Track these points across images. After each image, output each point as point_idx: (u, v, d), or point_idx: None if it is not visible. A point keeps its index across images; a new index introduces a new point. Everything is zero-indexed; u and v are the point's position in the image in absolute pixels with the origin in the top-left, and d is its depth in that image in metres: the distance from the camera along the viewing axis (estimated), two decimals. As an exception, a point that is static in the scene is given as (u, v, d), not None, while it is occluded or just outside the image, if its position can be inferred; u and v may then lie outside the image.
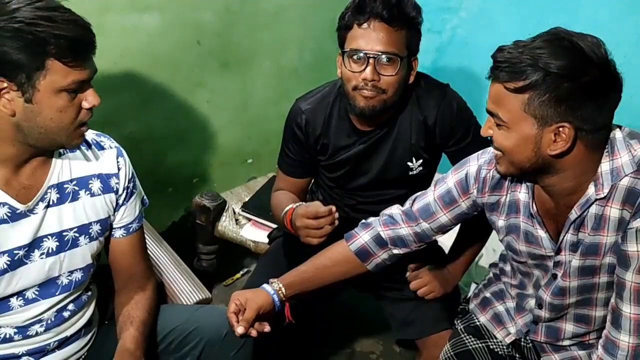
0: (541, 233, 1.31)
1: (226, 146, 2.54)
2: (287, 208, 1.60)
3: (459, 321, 1.60)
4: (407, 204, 1.48)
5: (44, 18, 1.04)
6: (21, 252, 1.19)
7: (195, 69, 2.28)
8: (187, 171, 2.45)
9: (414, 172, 1.67)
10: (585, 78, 1.08)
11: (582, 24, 1.73)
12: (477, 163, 1.39)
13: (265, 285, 1.41)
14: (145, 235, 1.47)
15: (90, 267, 1.32)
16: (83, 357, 1.37)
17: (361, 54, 1.48)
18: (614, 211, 1.18)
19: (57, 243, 1.24)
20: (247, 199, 2.31)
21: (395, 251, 1.48)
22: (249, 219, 2.24)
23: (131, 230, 1.39)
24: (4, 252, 1.17)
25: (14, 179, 1.16)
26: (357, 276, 1.52)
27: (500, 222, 1.38)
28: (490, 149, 1.34)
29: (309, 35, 2.61)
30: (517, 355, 1.50)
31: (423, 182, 1.74)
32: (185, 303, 1.56)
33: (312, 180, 1.84)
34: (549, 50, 1.09)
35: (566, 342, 1.41)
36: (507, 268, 1.52)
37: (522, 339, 1.48)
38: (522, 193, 1.33)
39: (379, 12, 1.46)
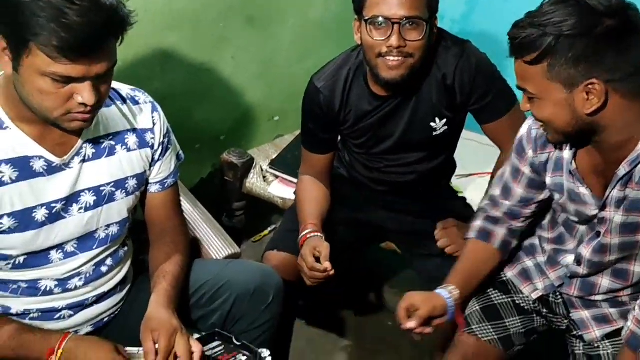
0: (582, 190, 1.29)
1: (252, 103, 2.52)
2: (303, 233, 1.61)
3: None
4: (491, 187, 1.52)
5: (54, 6, 0.98)
6: (59, 206, 1.21)
7: (219, 24, 2.24)
8: (214, 128, 2.45)
9: (438, 132, 1.64)
10: (596, 30, 1.08)
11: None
12: (527, 125, 1.38)
13: (440, 290, 1.40)
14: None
15: (126, 221, 1.34)
16: (117, 311, 1.40)
17: (382, 21, 1.42)
18: None
19: (95, 197, 1.25)
20: (274, 157, 2.31)
21: (513, 225, 1.48)
22: (277, 176, 2.24)
23: (166, 185, 1.39)
24: (42, 205, 1.19)
25: (48, 134, 1.17)
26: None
27: (548, 180, 1.37)
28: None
29: (334, -13, 2.55)
30: (545, 310, 1.49)
31: (448, 141, 1.72)
32: (215, 258, 1.57)
33: (336, 155, 1.82)
34: (555, 14, 1.10)
35: (599, 297, 1.39)
36: (545, 221, 1.50)
37: (551, 295, 1.47)
38: (566, 151, 1.31)
39: None
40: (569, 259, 1.40)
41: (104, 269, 1.33)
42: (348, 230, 1.81)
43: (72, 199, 1.22)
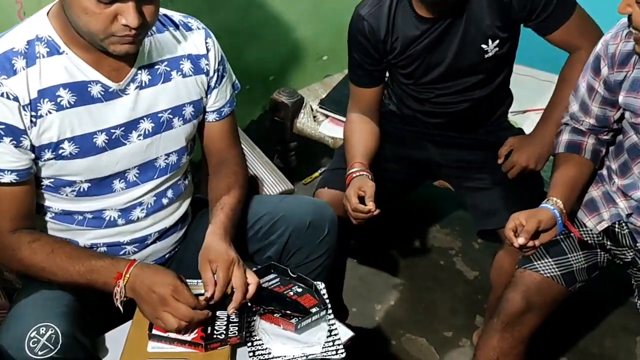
0: None
1: (301, 42, 2.48)
2: (349, 172, 1.59)
3: (546, 208, 1.55)
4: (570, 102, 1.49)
5: None
6: (118, 132, 1.22)
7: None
8: (263, 68, 2.43)
9: (490, 54, 1.58)
10: None
11: None
12: (604, 40, 1.35)
13: (543, 204, 1.38)
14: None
15: (184, 150, 1.35)
16: (177, 248, 1.44)
17: None
18: None
19: (153, 124, 1.26)
20: (323, 96, 2.28)
21: (600, 137, 1.47)
22: (327, 116, 2.22)
23: (223, 114, 1.39)
24: (101, 131, 1.20)
25: (103, 59, 1.17)
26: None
27: (621, 98, 1.32)
28: (618, 24, 1.32)
29: None
30: (609, 243, 1.45)
31: (501, 62, 1.65)
32: (269, 194, 1.59)
33: (384, 89, 1.78)
34: None
35: None
36: (611, 148, 1.46)
37: (617, 225, 1.43)
38: None
39: None
40: None
41: (164, 200, 1.36)
42: (399, 167, 1.80)
43: (130, 125, 1.23)
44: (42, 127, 1.14)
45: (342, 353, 1.18)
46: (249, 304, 1.21)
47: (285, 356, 1.17)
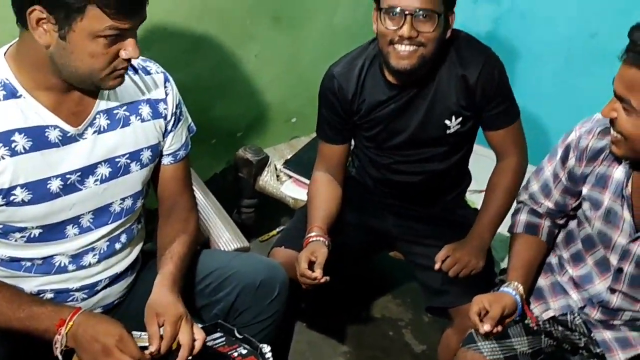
0: (627, 215, 1.28)
1: (272, 103, 2.53)
2: (307, 235, 1.62)
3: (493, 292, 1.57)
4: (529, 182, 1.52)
5: None
6: (74, 177, 1.21)
7: (246, 21, 2.26)
8: (232, 124, 2.46)
9: (451, 130, 1.65)
10: None
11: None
12: (578, 132, 1.37)
13: (503, 289, 1.40)
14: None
15: (139, 194, 1.34)
16: (125, 295, 1.41)
17: (398, 11, 1.45)
18: None
19: (110, 169, 1.25)
20: (289, 157, 2.31)
21: (556, 222, 1.50)
22: (290, 176, 2.24)
23: (178, 157, 1.39)
24: (57, 176, 1.18)
25: (63, 103, 1.17)
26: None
27: (584, 190, 1.37)
28: (594, 119, 1.35)
29: (363, -7, 2.56)
30: (560, 328, 1.47)
31: (462, 140, 1.71)
32: (224, 250, 1.58)
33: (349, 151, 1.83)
34: None
35: (620, 322, 1.38)
36: (560, 239, 1.50)
37: (569, 314, 1.45)
38: (618, 171, 1.30)
39: None
40: (600, 286, 1.38)
41: (117, 245, 1.33)
42: (358, 234, 1.81)
43: (87, 170, 1.22)
44: None
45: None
46: None
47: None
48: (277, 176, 2.25)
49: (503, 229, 2.10)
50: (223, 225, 1.64)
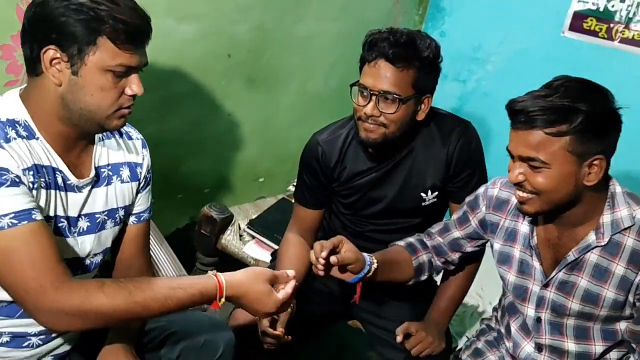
0: (536, 264, 1.37)
1: (241, 162, 2.55)
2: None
3: (451, 370, 1.58)
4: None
5: (108, 0, 1.10)
6: (64, 224, 1.22)
7: (222, 81, 2.30)
8: (199, 180, 2.46)
9: (427, 202, 1.69)
10: (611, 109, 1.21)
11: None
12: (484, 187, 1.51)
13: (365, 254, 1.42)
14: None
15: (107, 250, 1.36)
16: (78, 342, 1.37)
17: (366, 90, 1.53)
18: (619, 269, 1.27)
19: (89, 224, 1.27)
20: (254, 217, 2.31)
21: (435, 260, 1.58)
22: (253, 237, 2.23)
23: (142, 219, 1.42)
24: (51, 217, 1.19)
25: (68, 152, 1.21)
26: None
27: (497, 246, 1.46)
28: (496, 181, 1.47)
29: (336, 63, 2.65)
30: None
31: (437, 212, 1.75)
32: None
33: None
34: (580, 94, 1.19)
35: None
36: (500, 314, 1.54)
37: None
38: (523, 225, 1.40)
39: (386, 52, 1.50)
40: (527, 348, 1.43)
41: None
42: (321, 301, 1.80)
43: (72, 220, 1.24)
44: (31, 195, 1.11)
45: None
46: None
47: None
48: (240, 236, 2.24)
49: (466, 299, 2.12)
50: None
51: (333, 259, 1.30)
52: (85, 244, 1.27)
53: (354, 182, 1.71)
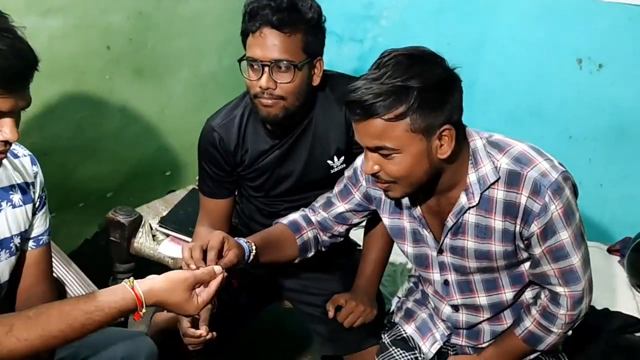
0: (426, 232, 1.37)
1: (143, 158, 2.42)
2: None
3: (385, 334, 1.57)
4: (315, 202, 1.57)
5: None
6: None
7: (105, 76, 2.15)
8: (100, 185, 2.31)
9: (335, 169, 1.64)
10: (443, 77, 1.17)
11: (496, 33, 1.72)
12: (361, 157, 1.43)
13: (241, 240, 1.34)
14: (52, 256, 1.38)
15: (5, 285, 1.24)
16: None
17: (256, 62, 1.45)
18: (497, 223, 1.27)
19: None
20: (165, 214, 2.19)
21: (321, 235, 1.53)
22: (167, 235, 2.12)
23: (41, 242, 1.31)
24: None
25: None
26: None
27: (386, 221, 1.44)
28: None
29: (228, 40, 2.53)
30: None
31: None
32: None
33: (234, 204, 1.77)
34: (409, 70, 1.15)
35: (486, 345, 1.43)
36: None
37: (449, 346, 1.48)
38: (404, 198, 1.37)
39: (269, 19, 1.42)
40: (446, 309, 1.45)
41: None
42: (247, 288, 1.73)
43: None
44: None
45: None
46: None
47: None
48: (153, 236, 2.12)
49: (394, 258, 2.13)
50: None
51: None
52: None
53: (259, 163, 1.64)
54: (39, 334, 1.02)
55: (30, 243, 1.29)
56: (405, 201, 1.36)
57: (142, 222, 2.10)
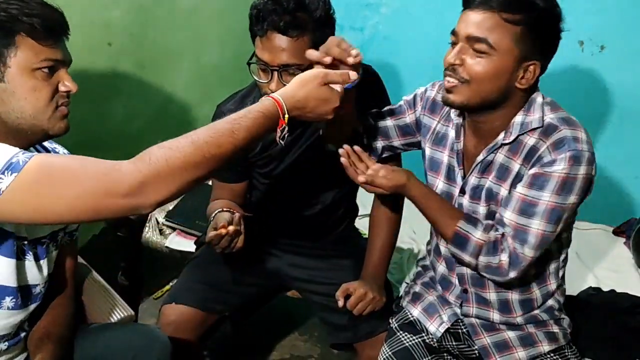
0: (458, 169, 1.39)
1: (147, 152, 2.42)
2: (215, 211, 1.56)
3: (393, 319, 1.57)
4: None
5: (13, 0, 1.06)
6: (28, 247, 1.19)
7: (107, 73, 2.15)
8: (106, 180, 2.32)
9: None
10: (557, 18, 1.21)
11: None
12: (423, 88, 1.49)
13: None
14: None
15: (48, 277, 1.29)
16: None
17: (264, 65, 1.43)
18: (515, 166, 1.29)
19: (35, 250, 1.24)
20: (171, 208, 2.21)
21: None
22: (174, 229, 2.13)
23: (74, 236, 1.37)
24: (17, 238, 1.17)
25: None
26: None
27: (427, 151, 1.46)
28: (436, 83, 1.45)
29: (229, 31, 2.53)
30: (454, 343, 1.49)
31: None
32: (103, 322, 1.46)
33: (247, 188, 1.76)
34: None
35: (496, 318, 1.43)
36: (431, 256, 1.55)
37: (461, 323, 1.48)
38: (451, 130, 1.40)
39: (276, 24, 1.39)
40: (456, 290, 1.46)
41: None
42: (252, 280, 1.75)
43: (27, 245, 1.20)
44: None
45: None
46: None
47: None
48: (160, 230, 2.13)
49: (401, 245, 2.13)
50: (101, 296, 1.51)
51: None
52: (44, 269, 1.23)
53: (269, 150, 1.63)
54: (189, 142, 1.01)
55: (66, 237, 1.34)
56: (452, 135, 1.39)
57: (149, 217, 2.12)
